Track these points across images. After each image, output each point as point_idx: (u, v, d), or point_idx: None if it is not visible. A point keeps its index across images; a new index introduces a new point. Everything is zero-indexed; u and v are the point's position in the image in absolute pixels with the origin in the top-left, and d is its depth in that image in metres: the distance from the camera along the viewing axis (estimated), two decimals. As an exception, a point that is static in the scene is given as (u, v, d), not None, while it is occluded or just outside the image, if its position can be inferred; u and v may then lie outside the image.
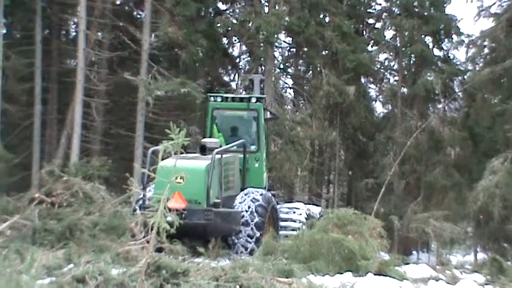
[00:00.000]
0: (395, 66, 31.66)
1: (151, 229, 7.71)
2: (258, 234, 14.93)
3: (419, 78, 28.89)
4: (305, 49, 30.86)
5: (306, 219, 17.10)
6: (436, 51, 30.48)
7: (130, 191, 17.40)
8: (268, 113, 19.75)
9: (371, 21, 33.02)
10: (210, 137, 17.09)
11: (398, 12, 30.28)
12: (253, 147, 17.28)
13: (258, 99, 17.62)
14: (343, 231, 13.02)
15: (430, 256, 28.43)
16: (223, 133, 17.50)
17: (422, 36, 29.64)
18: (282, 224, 16.72)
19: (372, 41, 31.70)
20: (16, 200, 17.66)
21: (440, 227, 25.20)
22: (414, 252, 29.54)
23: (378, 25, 32.37)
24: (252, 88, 18.81)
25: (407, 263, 14.29)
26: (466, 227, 27.08)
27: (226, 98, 18.02)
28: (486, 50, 27.66)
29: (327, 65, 29.10)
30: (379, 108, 33.27)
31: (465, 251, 28.63)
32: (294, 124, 27.92)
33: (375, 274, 11.61)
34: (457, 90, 29.65)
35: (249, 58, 31.34)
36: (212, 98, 17.86)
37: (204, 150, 15.54)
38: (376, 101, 33.40)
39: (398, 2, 30.27)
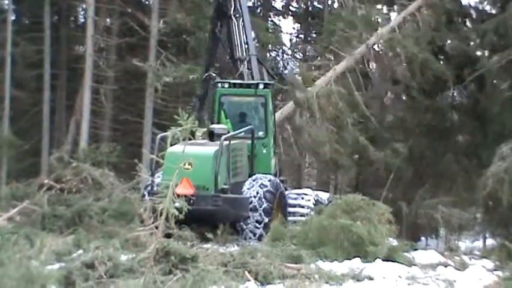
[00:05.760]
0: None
1: (160, 215, 7.73)
2: (266, 220, 14.92)
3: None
4: (313, 35, 30.80)
5: (315, 205, 17.08)
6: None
7: (139, 177, 17.52)
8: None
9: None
10: (218, 123, 17.08)
11: None
12: (261, 133, 17.25)
13: (266, 85, 17.61)
14: (352, 217, 13.00)
15: (438, 242, 28.40)
16: (231, 119, 17.49)
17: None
18: (290, 210, 16.70)
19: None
20: (25, 186, 17.77)
21: (449, 213, 25.15)
22: (423, 238, 29.52)
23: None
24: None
25: (416, 249, 14.27)
26: (474, 213, 27.01)
27: (234, 84, 17.96)
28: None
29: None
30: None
31: (474, 237, 28.53)
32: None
33: (383, 260, 11.63)
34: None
35: (257, 44, 31.26)
36: (220, 85, 17.82)
37: (212, 136, 15.54)
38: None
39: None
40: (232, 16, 19.41)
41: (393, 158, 24.82)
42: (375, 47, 25.22)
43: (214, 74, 19.50)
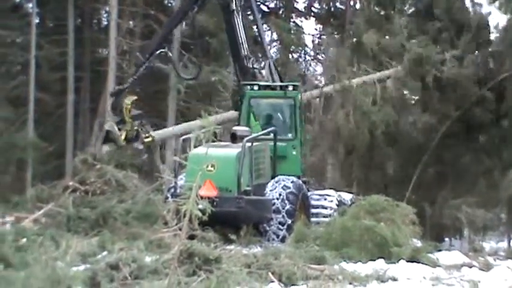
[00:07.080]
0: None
1: (184, 216, 7.76)
2: (289, 221, 14.92)
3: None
4: (336, 36, 30.77)
5: (338, 206, 17.03)
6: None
7: (162, 179, 17.59)
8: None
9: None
10: (247, 125, 17.05)
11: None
12: (290, 135, 17.24)
13: (295, 87, 17.59)
14: (375, 218, 12.99)
15: (462, 243, 28.25)
16: (260, 122, 17.53)
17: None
18: (313, 211, 16.69)
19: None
20: (50, 188, 17.88)
21: (473, 213, 25.03)
22: (447, 239, 29.38)
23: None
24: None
25: (440, 250, 14.23)
26: (499, 213, 26.87)
27: (263, 86, 17.94)
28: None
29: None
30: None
31: (498, 237, 28.43)
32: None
33: (407, 261, 11.60)
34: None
35: (279, 46, 31.35)
36: (249, 87, 17.75)
37: (234, 138, 15.56)
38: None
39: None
40: (235, 11, 19.21)
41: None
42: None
43: (170, 53, 19.51)
